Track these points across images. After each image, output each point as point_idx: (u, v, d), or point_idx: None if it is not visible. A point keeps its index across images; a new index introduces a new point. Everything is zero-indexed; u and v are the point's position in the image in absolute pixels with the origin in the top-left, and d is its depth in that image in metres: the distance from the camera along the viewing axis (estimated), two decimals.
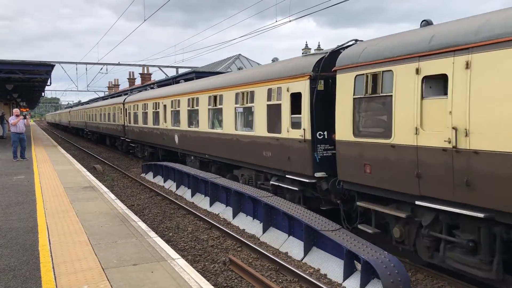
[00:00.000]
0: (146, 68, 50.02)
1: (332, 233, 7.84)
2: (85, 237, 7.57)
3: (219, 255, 8.89)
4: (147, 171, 20.15)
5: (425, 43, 6.97)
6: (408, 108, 7.19)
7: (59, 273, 5.85)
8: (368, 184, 8.20)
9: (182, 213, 12.64)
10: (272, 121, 11.58)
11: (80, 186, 12.94)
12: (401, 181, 7.41)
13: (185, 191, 15.41)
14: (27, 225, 8.32)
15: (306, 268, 8.00)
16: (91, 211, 9.59)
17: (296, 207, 9.40)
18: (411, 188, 7.21)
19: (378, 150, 7.87)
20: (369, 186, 8.21)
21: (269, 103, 11.62)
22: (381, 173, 7.84)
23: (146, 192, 16.19)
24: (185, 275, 5.82)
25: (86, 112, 46.60)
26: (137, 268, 6.08)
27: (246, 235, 10.22)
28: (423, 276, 7.81)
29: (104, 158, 28.03)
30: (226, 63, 35.27)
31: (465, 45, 6.26)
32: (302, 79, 10.20)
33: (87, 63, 40.96)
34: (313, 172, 9.91)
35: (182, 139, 18.28)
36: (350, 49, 9.03)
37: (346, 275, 7.29)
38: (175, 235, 10.50)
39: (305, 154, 10.13)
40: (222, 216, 12.05)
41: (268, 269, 8.03)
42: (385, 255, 6.90)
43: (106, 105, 35.28)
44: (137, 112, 25.31)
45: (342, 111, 8.76)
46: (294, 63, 11.08)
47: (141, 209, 13.39)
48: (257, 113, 12.28)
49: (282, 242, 9.30)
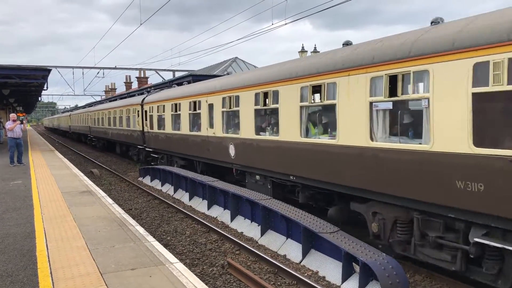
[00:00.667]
0: (142, 71, 50.02)
1: (330, 235, 7.84)
2: (83, 242, 7.55)
3: (217, 259, 8.87)
4: (144, 175, 20.11)
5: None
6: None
7: (57, 278, 5.83)
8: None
9: (180, 217, 12.62)
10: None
11: (78, 190, 12.91)
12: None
13: (182, 194, 15.38)
14: (24, 231, 8.30)
15: (305, 271, 7.99)
16: (88, 215, 9.57)
17: (294, 210, 9.40)
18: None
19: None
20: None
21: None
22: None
23: (143, 196, 16.16)
24: (183, 279, 5.81)
25: (90, 115, 41.29)
26: (135, 272, 6.07)
27: (244, 238, 10.21)
28: (422, 278, 7.81)
29: (101, 162, 27.97)
30: (223, 66, 35.30)
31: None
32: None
33: (83, 67, 40.94)
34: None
35: (243, 151, 12.84)
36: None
37: (345, 277, 7.28)
38: (173, 239, 10.47)
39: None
40: (220, 219, 12.03)
41: (267, 272, 8.02)
42: (383, 256, 6.90)
43: (116, 107, 30.10)
44: (163, 114, 19.95)
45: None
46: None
47: (139, 213, 13.36)
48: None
49: (281, 244, 9.29)
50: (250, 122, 12.32)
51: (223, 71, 31.68)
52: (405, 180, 7.30)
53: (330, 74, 9.00)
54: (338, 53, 9.23)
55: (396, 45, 7.61)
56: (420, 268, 8.06)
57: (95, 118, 38.24)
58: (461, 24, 6.71)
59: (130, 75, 63.89)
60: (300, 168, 10.13)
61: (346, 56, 8.76)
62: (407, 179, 7.26)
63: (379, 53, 7.87)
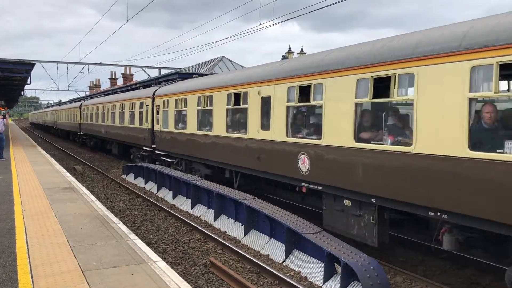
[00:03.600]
0: (128, 68, 49.60)
1: (313, 236, 7.88)
2: (64, 238, 7.47)
3: (200, 258, 8.86)
4: (128, 172, 19.95)
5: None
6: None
7: (37, 275, 5.76)
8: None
9: (163, 215, 12.56)
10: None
11: (60, 187, 12.76)
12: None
13: (166, 193, 15.31)
14: (4, 227, 8.17)
15: (287, 271, 8.03)
16: (70, 212, 9.47)
17: (278, 210, 9.43)
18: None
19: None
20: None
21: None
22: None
23: (126, 194, 16.04)
24: (165, 278, 5.79)
25: (82, 111, 37.02)
26: (117, 270, 6.03)
27: (227, 238, 10.21)
28: (402, 279, 7.91)
29: (84, 159, 27.67)
30: (210, 64, 35.21)
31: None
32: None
33: (68, 62, 40.47)
34: None
35: (325, 165, 9.08)
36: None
37: (327, 277, 7.34)
38: (156, 237, 10.42)
39: None
40: (203, 219, 12.01)
41: (249, 271, 8.03)
42: (365, 257, 6.98)
43: (116, 101, 26.18)
44: (184, 110, 16.20)
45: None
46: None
47: (122, 211, 13.26)
48: None
49: (264, 244, 9.32)
50: (344, 122, 8.52)
51: (209, 70, 31.62)
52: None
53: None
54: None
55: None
56: (401, 270, 8.17)
57: (86, 113, 35.10)
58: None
59: (115, 71, 63.38)
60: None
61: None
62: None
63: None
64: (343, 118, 8.50)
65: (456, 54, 6.48)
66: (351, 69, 8.34)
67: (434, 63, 6.80)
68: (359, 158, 8.16)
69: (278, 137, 10.57)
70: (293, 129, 10.27)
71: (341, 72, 8.58)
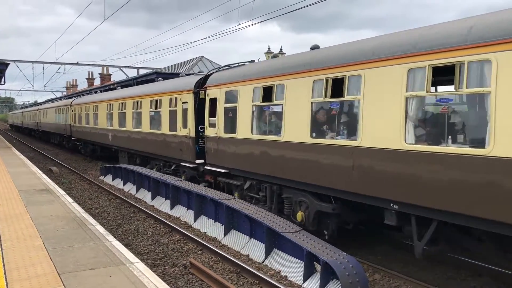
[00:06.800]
0: (106, 68, 49.00)
1: (293, 235, 7.91)
2: (40, 241, 7.33)
3: (179, 259, 8.80)
4: (105, 173, 19.69)
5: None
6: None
7: (11, 279, 5.64)
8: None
9: (142, 217, 12.44)
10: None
11: (36, 189, 12.52)
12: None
13: (145, 194, 15.16)
14: None
15: (267, 270, 8.04)
16: (47, 214, 9.30)
17: (258, 210, 9.44)
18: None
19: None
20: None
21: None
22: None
23: (104, 195, 15.83)
24: (144, 279, 5.73)
25: (73, 111, 30.25)
26: (94, 272, 5.94)
27: (207, 238, 10.17)
28: (381, 276, 8.01)
29: (61, 160, 27.20)
30: (188, 64, 35.01)
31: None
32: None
33: (44, 62, 39.72)
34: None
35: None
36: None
37: (306, 276, 7.37)
38: (135, 238, 10.31)
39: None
40: (183, 220, 11.93)
41: (229, 272, 8.01)
42: (344, 256, 7.04)
43: (127, 98, 20.22)
44: (273, 105, 10.46)
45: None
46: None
47: (100, 212, 13.08)
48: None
49: (244, 244, 9.31)
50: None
51: (188, 70, 31.43)
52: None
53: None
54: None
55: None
56: (379, 267, 8.27)
57: (78, 114, 28.74)
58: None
59: (92, 71, 62.56)
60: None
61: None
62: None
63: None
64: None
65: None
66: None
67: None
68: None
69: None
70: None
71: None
